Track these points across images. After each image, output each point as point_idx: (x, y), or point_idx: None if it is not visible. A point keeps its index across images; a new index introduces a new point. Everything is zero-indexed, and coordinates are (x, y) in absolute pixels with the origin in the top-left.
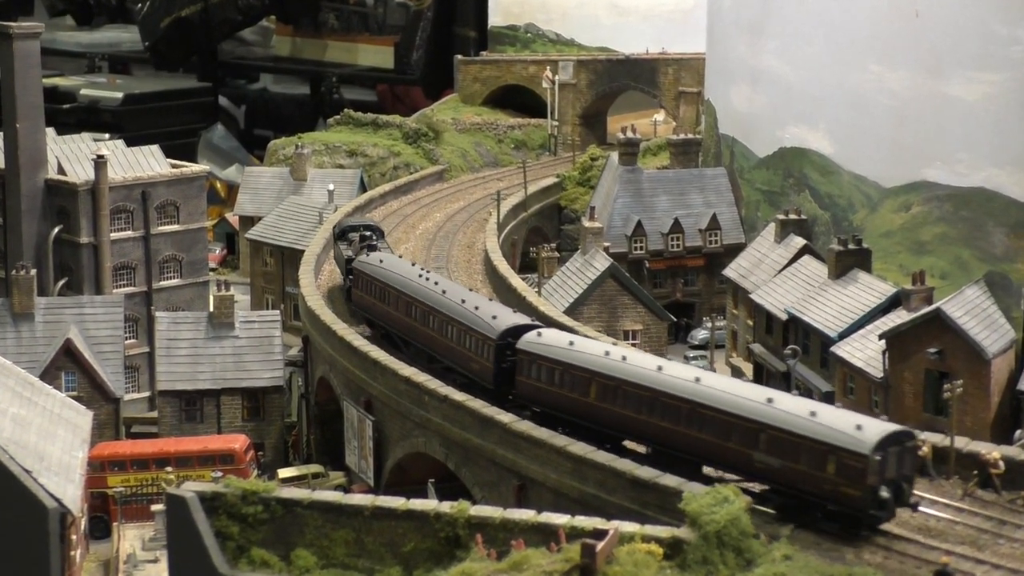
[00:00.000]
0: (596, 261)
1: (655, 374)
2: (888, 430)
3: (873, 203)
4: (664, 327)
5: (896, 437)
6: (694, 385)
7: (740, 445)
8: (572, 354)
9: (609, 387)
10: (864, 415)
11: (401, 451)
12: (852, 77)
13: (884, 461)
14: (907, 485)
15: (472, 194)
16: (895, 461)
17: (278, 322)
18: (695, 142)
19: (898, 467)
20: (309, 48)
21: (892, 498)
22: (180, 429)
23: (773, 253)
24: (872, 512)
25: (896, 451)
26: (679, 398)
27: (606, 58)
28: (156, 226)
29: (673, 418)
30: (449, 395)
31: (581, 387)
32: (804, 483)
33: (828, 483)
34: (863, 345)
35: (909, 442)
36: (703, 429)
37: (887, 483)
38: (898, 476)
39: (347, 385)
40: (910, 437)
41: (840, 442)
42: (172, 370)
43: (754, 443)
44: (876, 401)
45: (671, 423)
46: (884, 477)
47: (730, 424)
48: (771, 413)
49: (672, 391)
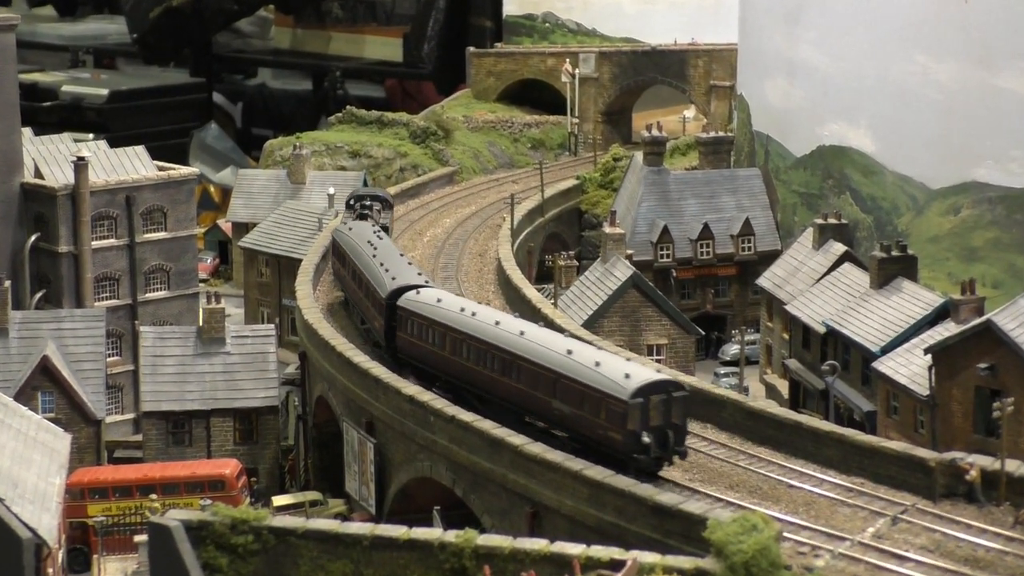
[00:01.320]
0: (617, 270)
1: (490, 327)
2: (652, 379)
3: (919, 206)
4: (691, 342)
5: (661, 386)
6: (515, 338)
7: (544, 394)
8: (435, 310)
9: (458, 341)
10: (644, 367)
11: (405, 476)
12: (896, 69)
13: (645, 408)
14: (674, 433)
15: (484, 198)
16: (660, 409)
17: (273, 337)
18: (727, 140)
19: (664, 415)
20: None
21: (655, 444)
22: (166, 453)
23: (811, 261)
24: (635, 456)
25: (660, 400)
26: (504, 350)
27: (631, 49)
28: (141, 234)
29: (500, 369)
30: (457, 415)
31: (440, 342)
32: (586, 429)
33: (600, 428)
34: (908, 361)
35: (676, 392)
36: (520, 380)
37: (650, 430)
38: (664, 424)
39: (347, 405)
40: (678, 388)
41: (608, 389)
42: (158, 389)
43: (553, 392)
44: (922, 421)
45: (499, 374)
46: (647, 424)
47: (537, 375)
48: (564, 363)
49: (498, 343)
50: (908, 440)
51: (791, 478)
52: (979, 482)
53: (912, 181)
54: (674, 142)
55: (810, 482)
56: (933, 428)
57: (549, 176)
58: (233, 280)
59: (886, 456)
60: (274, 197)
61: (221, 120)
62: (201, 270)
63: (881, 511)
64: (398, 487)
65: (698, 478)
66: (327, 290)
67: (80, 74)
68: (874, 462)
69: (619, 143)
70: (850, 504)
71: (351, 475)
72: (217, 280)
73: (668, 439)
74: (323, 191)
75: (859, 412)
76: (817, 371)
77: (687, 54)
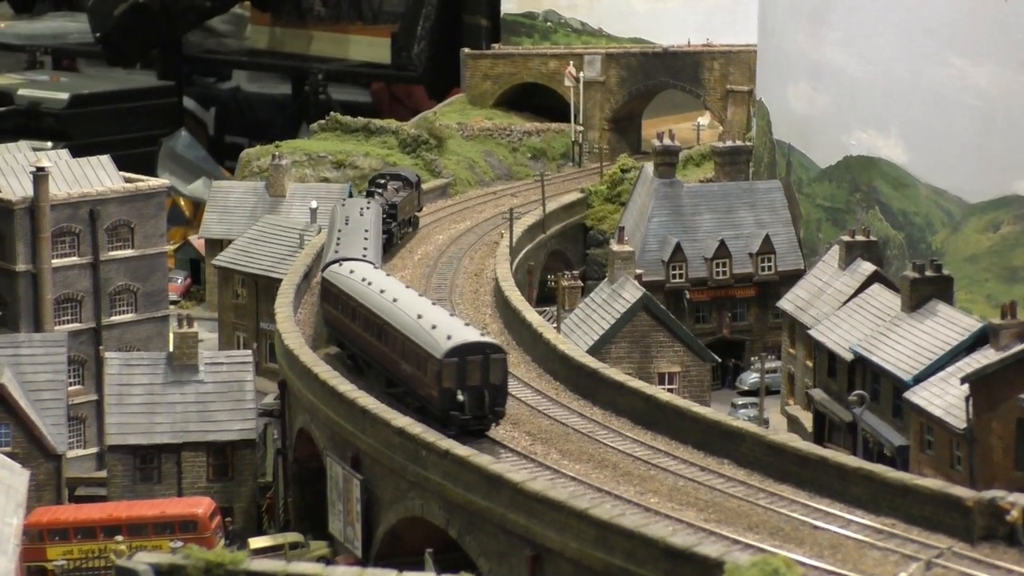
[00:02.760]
0: (626, 291)
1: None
2: (469, 340)
3: (955, 221)
4: (707, 369)
5: (479, 347)
6: (386, 304)
7: (397, 356)
8: (342, 280)
9: (352, 309)
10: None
11: (394, 516)
12: (930, 72)
13: (462, 367)
14: (491, 393)
15: (481, 212)
16: (478, 370)
17: (250, 364)
18: (745, 150)
19: (482, 376)
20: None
21: (470, 402)
22: (133, 491)
23: (837, 281)
24: (451, 412)
25: (478, 360)
26: (377, 316)
27: (640, 51)
28: (106, 251)
29: (374, 333)
30: (451, 449)
31: (344, 311)
32: (418, 387)
33: (425, 387)
34: (943, 390)
35: (494, 354)
36: (385, 343)
37: (466, 389)
38: (482, 384)
39: (331, 438)
40: (496, 350)
41: (429, 348)
42: (124, 421)
43: (402, 354)
44: (959, 457)
45: (374, 338)
46: (464, 383)
47: (395, 338)
48: (409, 325)
49: (373, 309)
50: (944, 477)
51: (816, 518)
52: (1021, 523)
53: (947, 194)
54: (687, 152)
55: (836, 523)
56: (971, 464)
57: (551, 189)
58: (206, 302)
59: (919, 495)
60: (251, 211)
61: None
62: (171, 291)
63: (914, 555)
64: (387, 528)
65: (714, 518)
66: (309, 313)
67: (38, 76)
68: (906, 501)
69: (627, 153)
70: (880, 547)
71: (335, 515)
72: (189, 302)
73: (484, 399)
74: (304, 205)
75: (890, 447)
76: (844, 402)
77: (702, 56)
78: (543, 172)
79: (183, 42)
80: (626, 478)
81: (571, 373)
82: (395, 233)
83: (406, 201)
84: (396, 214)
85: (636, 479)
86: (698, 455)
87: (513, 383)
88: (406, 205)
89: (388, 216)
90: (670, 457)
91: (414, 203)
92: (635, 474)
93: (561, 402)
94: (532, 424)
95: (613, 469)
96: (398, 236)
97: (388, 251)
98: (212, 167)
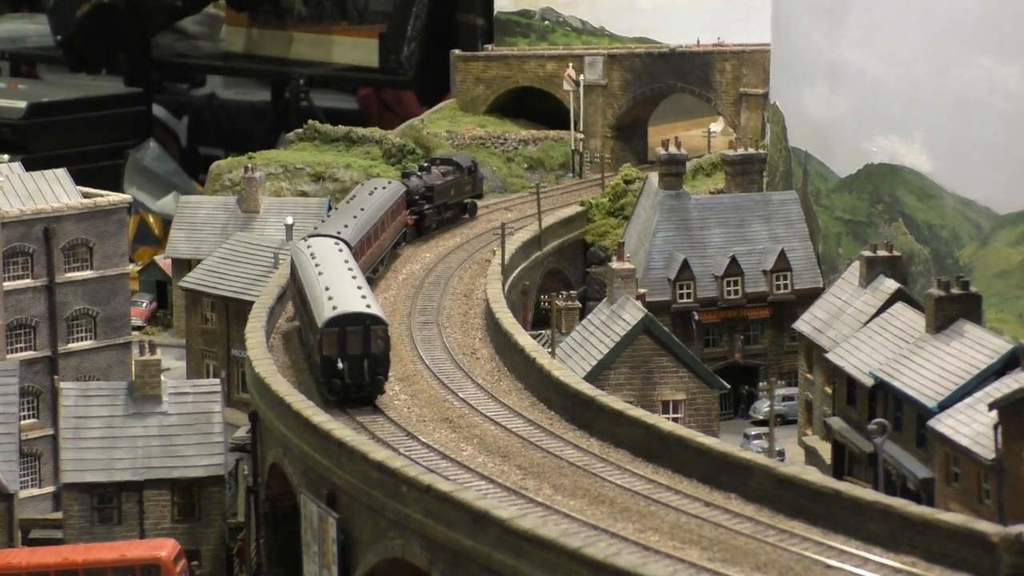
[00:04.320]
0: (627, 312)
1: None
2: (350, 310)
3: (984, 234)
4: (715, 397)
5: (359, 318)
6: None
7: (305, 326)
8: (297, 254)
9: (296, 280)
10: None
11: (374, 557)
12: (956, 74)
13: (342, 337)
14: (371, 362)
15: (471, 228)
16: (359, 339)
17: (219, 394)
18: (758, 159)
19: (363, 346)
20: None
21: (349, 371)
22: (91, 533)
23: (857, 300)
24: (331, 379)
25: (358, 331)
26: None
27: (646, 52)
28: (63, 272)
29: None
30: (433, 485)
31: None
32: (310, 355)
33: (313, 354)
34: (971, 418)
35: (375, 326)
36: (305, 313)
37: (347, 357)
38: (362, 354)
39: (305, 474)
40: (377, 322)
41: (317, 318)
42: (82, 457)
43: (309, 324)
44: (987, 490)
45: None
46: (344, 351)
47: (305, 309)
48: (315, 296)
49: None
50: (971, 512)
51: (829, 557)
52: None
53: (976, 205)
54: (696, 161)
55: (852, 561)
56: (1000, 498)
57: (548, 202)
58: (173, 327)
59: (941, 530)
60: (221, 228)
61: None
62: (135, 315)
63: None
64: (365, 570)
65: (719, 557)
66: (283, 338)
67: None
68: (927, 538)
69: (631, 162)
70: None
71: (310, 557)
72: (154, 327)
73: (364, 368)
74: (279, 221)
75: (913, 479)
76: (864, 431)
77: (712, 57)
78: (539, 184)
79: (152, 45)
80: (624, 514)
81: (566, 401)
82: (429, 216)
83: (451, 185)
84: (432, 197)
85: (635, 515)
86: (703, 489)
87: (503, 412)
88: (450, 189)
89: (423, 199)
90: (672, 492)
91: (465, 188)
92: (634, 510)
93: (555, 433)
94: (523, 457)
95: (610, 505)
96: (433, 220)
97: (422, 235)
98: (184, 181)
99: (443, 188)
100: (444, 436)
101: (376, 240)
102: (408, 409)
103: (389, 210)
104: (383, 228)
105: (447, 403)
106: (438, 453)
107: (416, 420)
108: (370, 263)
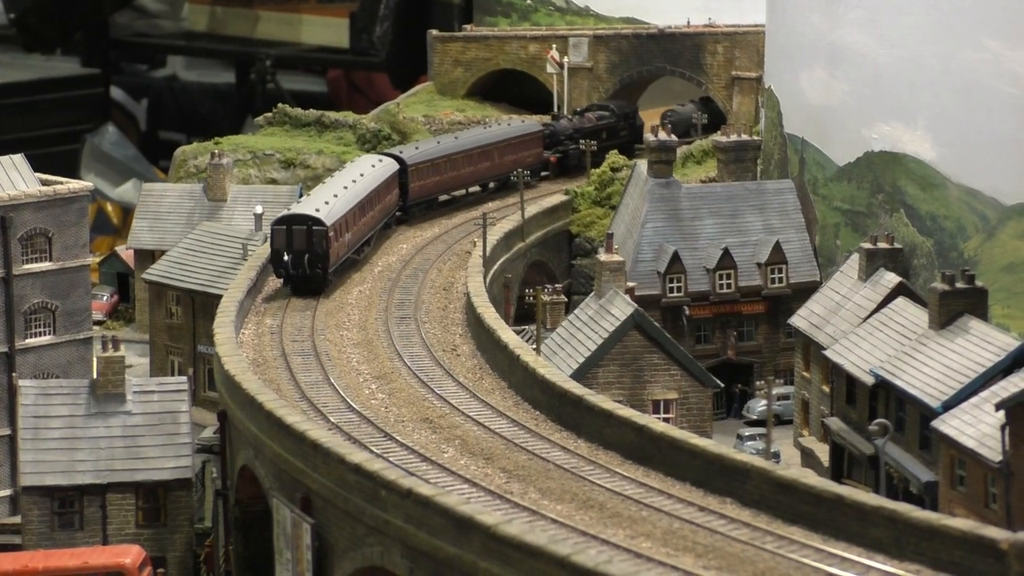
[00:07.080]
0: (615, 307)
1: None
2: (297, 212)
3: (990, 226)
4: (708, 396)
5: (303, 219)
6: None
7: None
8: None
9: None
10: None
11: (350, 565)
12: (962, 57)
13: (289, 234)
14: (312, 257)
15: (450, 218)
16: (303, 237)
17: (186, 393)
18: (752, 146)
19: (305, 243)
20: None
21: (292, 263)
22: (52, 539)
23: (857, 295)
24: (279, 269)
25: (302, 230)
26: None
27: (633, 32)
28: (20, 264)
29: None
30: (414, 488)
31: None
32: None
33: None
34: (976, 419)
35: (316, 226)
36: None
37: (292, 252)
38: (304, 249)
39: (278, 477)
40: (318, 223)
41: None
42: (41, 459)
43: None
44: (994, 494)
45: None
46: (290, 247)
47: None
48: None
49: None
50: (977, 517)
51: (830, 564)
52: None
53: (982, 195)
54: (687, 148)
55: (854, 569)
56: (1007, 502)
57: (532, 191)
58: (135, 322)
59: (948, 537)
60: (187, 218)
61: (121, 121)
62: (95, 309)
63: None
64: None
65: (714, 564)
66: (254, 333)
67: None
68: (933, 545)
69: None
70: None
71: (283, 565)
72: (115, 322)
73: (304, 261)
74: (248, 210)
75: (916, 483)
76: (865, 432)
77: (703, 38)
78: (522, 171)
79: (110, 24)
80: (615, 520)
81: (553, 401)
82: (573, 155)
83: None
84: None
85: (626, 521)
86: (697, 493)
87: (486, 412)
88: (601, 132)
89: (569, 139)
90: (665, 496)
91: (620, 133)
92: (625, 515)
93: (541, 434)
94: (508, 459)
95: (600, 510)
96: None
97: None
98: (144, 167)
99: (592, 130)
100: (424, 437)
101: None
102: (386, 409)
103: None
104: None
105: (427, 402)
106: (418, 455)
107: (394, 420)
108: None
